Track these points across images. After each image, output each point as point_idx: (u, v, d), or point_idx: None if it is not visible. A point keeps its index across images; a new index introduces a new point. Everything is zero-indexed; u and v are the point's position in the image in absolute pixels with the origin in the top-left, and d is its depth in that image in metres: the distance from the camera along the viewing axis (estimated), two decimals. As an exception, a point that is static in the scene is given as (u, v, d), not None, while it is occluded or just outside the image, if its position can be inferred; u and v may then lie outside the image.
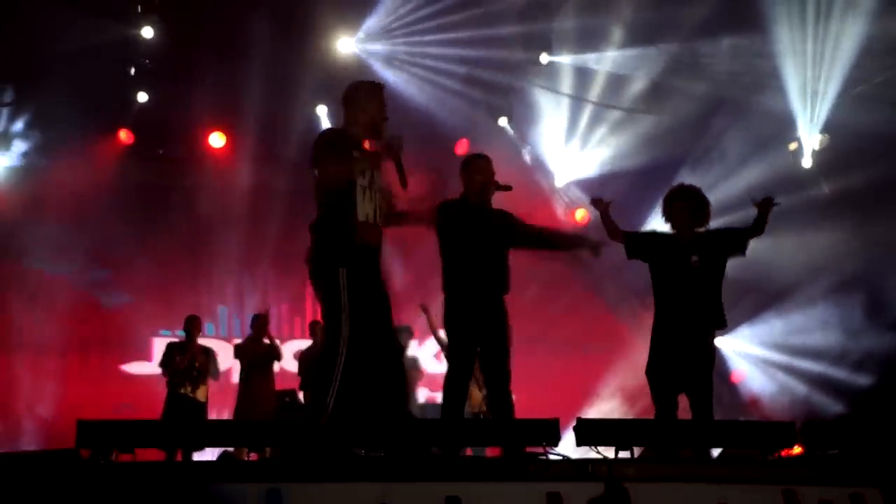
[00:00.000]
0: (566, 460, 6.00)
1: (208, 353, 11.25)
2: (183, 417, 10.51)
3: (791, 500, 5.73)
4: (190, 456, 9.51)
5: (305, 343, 12.38)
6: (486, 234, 7.23)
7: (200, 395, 10.97)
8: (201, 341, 11.49)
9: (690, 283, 7.46)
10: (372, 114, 6.60)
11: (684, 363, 7.40)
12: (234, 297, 14.04)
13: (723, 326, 7.59)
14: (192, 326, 11.25)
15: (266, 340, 11.43)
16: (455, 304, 7.18)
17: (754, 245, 10.70)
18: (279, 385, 11.48)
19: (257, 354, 11.39)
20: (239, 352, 11.66)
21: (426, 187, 7.13)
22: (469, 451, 9.29)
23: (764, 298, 13.18)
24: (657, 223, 7.97)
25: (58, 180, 13.06)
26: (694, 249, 7.51)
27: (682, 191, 7.79)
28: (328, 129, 6.60)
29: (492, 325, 7.19)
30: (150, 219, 13.38)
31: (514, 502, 5.61)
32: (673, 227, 7.71)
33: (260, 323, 11.53)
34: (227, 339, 13.71)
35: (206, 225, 13.41)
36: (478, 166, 7.35)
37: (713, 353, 7.53)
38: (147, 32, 12.59)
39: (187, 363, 10.94)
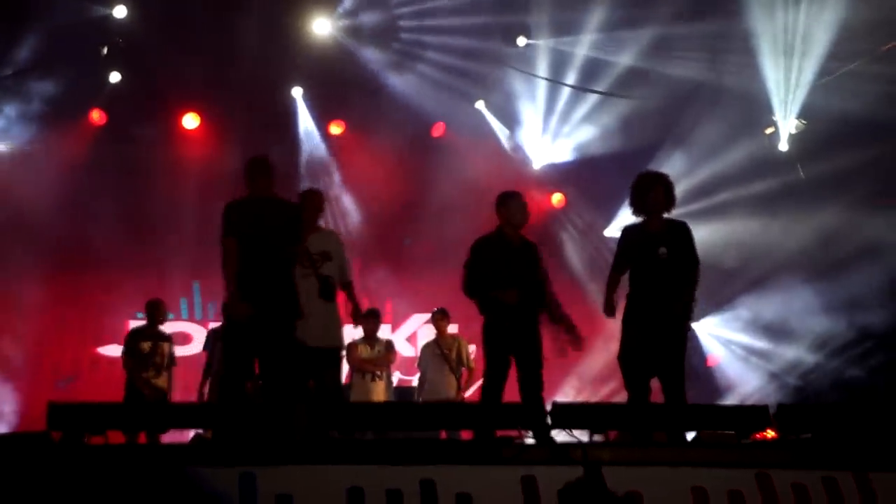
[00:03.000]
0: (540, 444, 6.01)
1: (170, 340, 11.06)
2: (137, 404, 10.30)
3: (764, 483, 5.76)
4: (157, 439, 9.40)
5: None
6: (521, 264, 7.90)
7: (162, 381, 10.78)
8: (177, 325, 11.36)
9: (659, 273, 7.55)
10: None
11: (655, 348, 7.44)
12: (209, 280, 13.94)
13: (687, 319, 7.65)
14: (156, 311, 11.01)
15: None
16: (493, 325, 7.82)
17: (731, 228, 10.84)
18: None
19: None
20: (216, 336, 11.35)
21: None
22: (444, 435, 9.31)
23: (739, 283, 13.23)
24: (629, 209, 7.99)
25: (30, 160, 12.94)
26: (662, 240, 7.58)
27: (651, 179, 7.82)
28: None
29: (525, 340, 7.77)
30: (123, 200, 13.24)
31: (488, 486, 5.60)
32: (645, 214, 7.75)
33: None
34: (202, 323, 13.62)
35: (180, 207, 13.31)
36: (521, 205, 8.12)
37: (684, 338, 7.57)
38: (120, 12, 12.44)
39: (150, 349, 10.77)
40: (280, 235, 7.25)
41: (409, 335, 14.22)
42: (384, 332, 12.23)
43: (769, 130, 13.05)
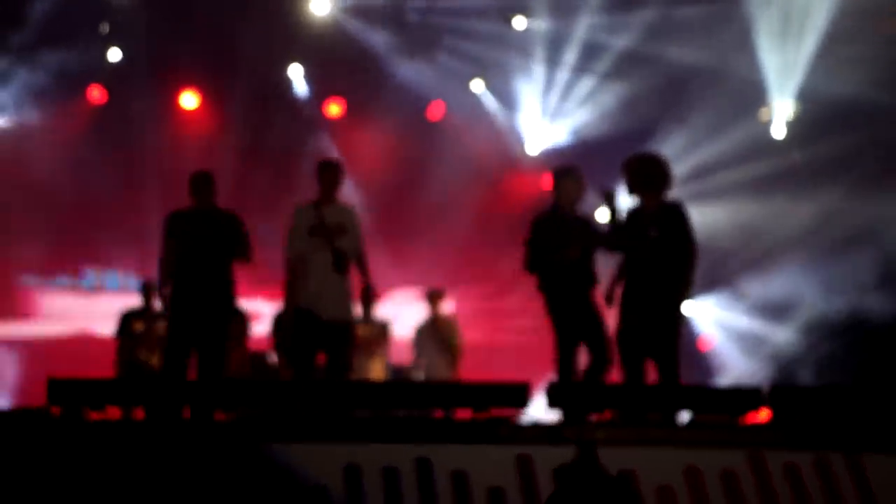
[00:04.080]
0: (536, 423, 6.06)
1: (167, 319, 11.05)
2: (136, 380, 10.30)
3: (757, 463, 5.83)
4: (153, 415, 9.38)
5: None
6: (577, 240, 7.80)
7: (155, 361, 10.79)
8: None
9: (650, 254, 7.55)
10: None
11: (649, 330, 7.46)
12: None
13: (679, 300, 7.60)
14: (149, 291, 11.05)
15: None
16: (558, 300, 7.75)
17: (726, 210, 10.79)
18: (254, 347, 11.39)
19: None
20: None
21: None
22: (440, 414, 9.35)
23: (733, 264, 13.27)
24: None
25: (29, 137, 12.94)
26: (654, 221, 7.58)
27: (640, 161, 7.85)
28: None
29: (589, 314, 7.75)
30: (122, 177, 13.25)
31: (484, 465, 5.65)
32: (640, 195, 7.78)
33: None
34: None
35: (178, 184, 13.28)
36: (578, 180, 8.00)
37: (677, 321, 7.57)
38: (120, -10, 12.45)
39: (145, 328, 10.79)
40: (215, 245, 7.99)
41: (407, 315, 14.23)
42: (381, 311, 12.25)
43: (765, 114, 13.06)
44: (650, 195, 7.71)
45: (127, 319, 10.87)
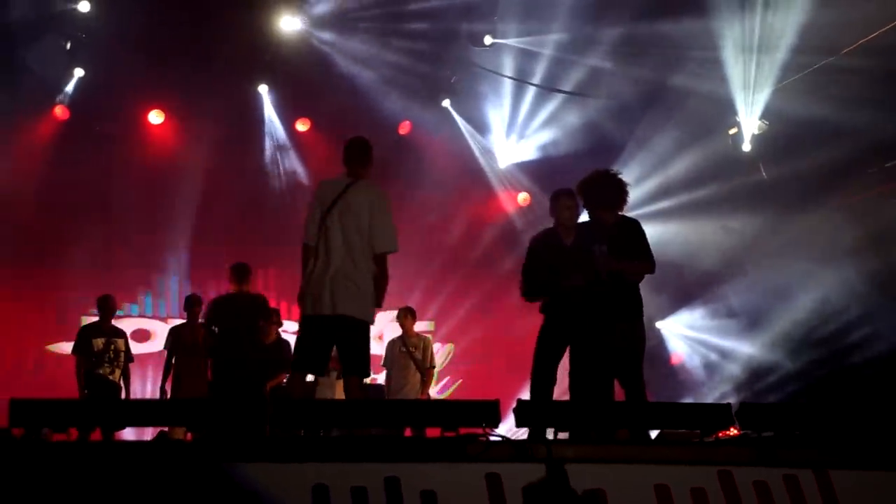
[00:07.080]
0: (505, 441, 6.01)
1: (124, 336, 10.95)
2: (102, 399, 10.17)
3: (726, 480, 5.81)
4: (111, 435, 9.24)
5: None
6: (573, 261, 7.66)
7: (117, 377, 10.66)
8: (140, 322, 11.13)
9: (600, 272, 7.57)
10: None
11: (609, 349, 7.44)
12: (172, 276, 13.86)
13: (630, 317, 7.57)
14: (107, 307, 10.92)
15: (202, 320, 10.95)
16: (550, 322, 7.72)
17: (691, 228, 10.75)
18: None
19: (191, 339, 10.84)
20: (173, 336, 11.07)
21: None
22: (409, 432, 9.31)
23: (701, 281, 13.33)
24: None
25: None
26: (603, 238, 7.58)
27: (593, 179, 7.84)
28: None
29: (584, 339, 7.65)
30: (85, 195, 13.15)
31: (453, 483, 5.60)
32: (594, 212, 7.79)
33: (193, 305, 11.01)
34: (164, 320, 13.53)
35: (142, 202, 13.24)
36: (562, 204, 7.81)
37: (636, 339, 7.55)
38: (83, 6, 12.34)
39: (103, 345, 10.65)
40: (246, 322, 10.01)
41: (378, 333, 14.19)
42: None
43: (732, 131, 13.13)
44: (606, 212, 7.73)
45: (86, 336, 10.70)
